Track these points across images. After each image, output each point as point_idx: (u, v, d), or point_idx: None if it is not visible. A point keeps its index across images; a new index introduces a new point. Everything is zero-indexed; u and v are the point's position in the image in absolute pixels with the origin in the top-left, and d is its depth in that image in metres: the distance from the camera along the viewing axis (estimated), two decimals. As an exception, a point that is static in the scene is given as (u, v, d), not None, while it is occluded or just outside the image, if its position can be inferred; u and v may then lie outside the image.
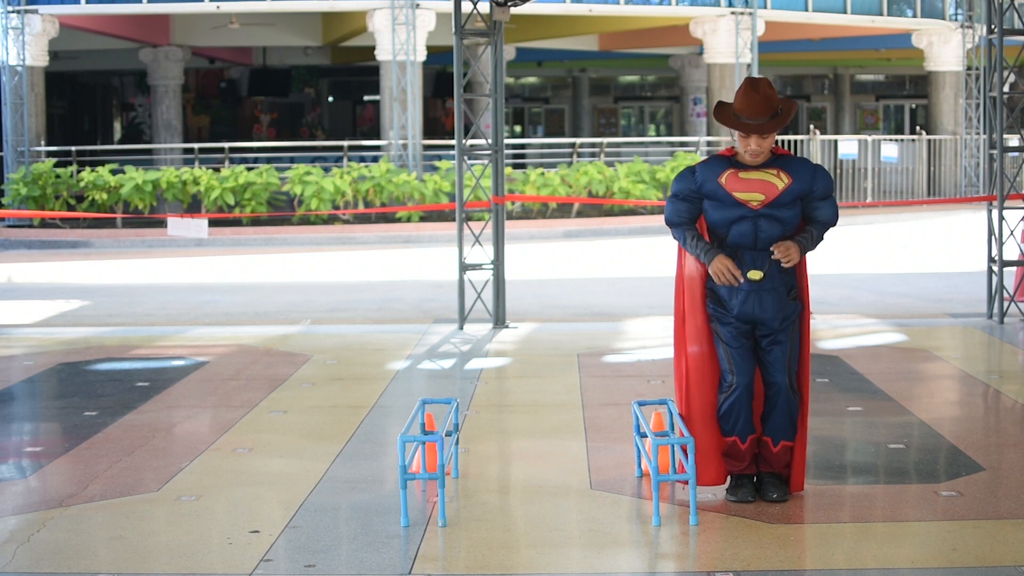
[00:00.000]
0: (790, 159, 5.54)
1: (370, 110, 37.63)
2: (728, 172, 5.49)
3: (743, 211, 5.44)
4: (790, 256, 5.40)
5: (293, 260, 18.20)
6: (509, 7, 10.57)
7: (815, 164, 5.55)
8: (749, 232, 5.45)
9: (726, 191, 5.46)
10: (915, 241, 19.99)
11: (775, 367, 5.49)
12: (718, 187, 5.48)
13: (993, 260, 10.69)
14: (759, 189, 5.45)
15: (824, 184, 5.53)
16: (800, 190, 5.48)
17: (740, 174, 5.48)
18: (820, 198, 5.53)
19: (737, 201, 5.45)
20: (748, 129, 5.39)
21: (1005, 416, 7.53)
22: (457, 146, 10.77)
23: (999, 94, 10.58)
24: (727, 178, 5.48)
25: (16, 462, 6.56)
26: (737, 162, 5.51)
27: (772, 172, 5.47)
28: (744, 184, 5.46)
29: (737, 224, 5.46)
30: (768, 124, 5.38)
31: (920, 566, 4.76)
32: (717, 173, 5.51)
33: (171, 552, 5.01)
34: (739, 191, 5.46)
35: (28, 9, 22.43)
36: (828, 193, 5.55)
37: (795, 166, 5.51)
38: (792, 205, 5.47)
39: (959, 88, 27.39)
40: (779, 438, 5.54)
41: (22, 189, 21.49)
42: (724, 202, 5.47)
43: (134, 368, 9.17)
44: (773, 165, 5.49)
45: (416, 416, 5.71)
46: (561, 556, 4.96)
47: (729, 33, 24.65)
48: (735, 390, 5.48)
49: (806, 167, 5.52)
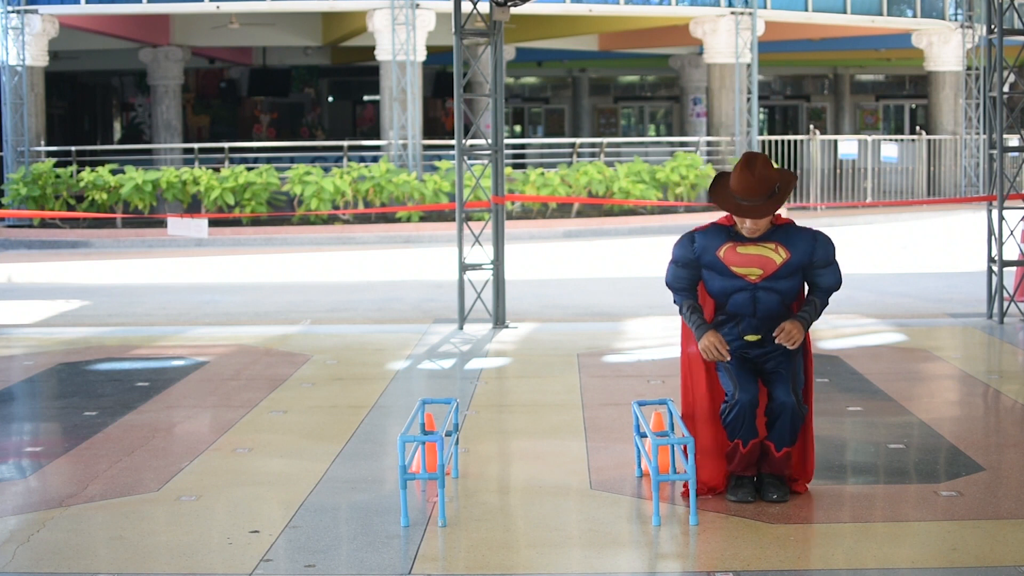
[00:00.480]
0: (790, 231, 5.51)
1: (370, 110, 37.63)
2: (727, 246, 5.49)
3: (741, 283, 5.47)
4: (793, 338, 5.42)
5: (293, 260, 18.20)
6: (509, 7, 10.57)
7: (815, 232, 5.53)
8: (748, 303, 5.48)
9: (724, 264, 5.48)
10: (915, 241, 19.99)
11: (779, 387, 5.51)
12: (716, 260, 5.50)
13: (993, 260, 10.69)
14: (757, 264, 5.46)
15: (825, 253, 5.51)
16: (799, 263, 5.48)
17: (738, 248, 5.47)
18: (822, 266, 5.52)
19: (735, 275, 5.47)
20: (743, 212, 5.38)
21: (1005, 416, 7.53)
22: (457, 146, 10.77)
23: (999, 94, 10.58)
24: (725, 252, 5.48)
25: (16, 462, 6.56)
26: (736, 234, 5.50)
27: (770, 247, 5.46)
28: (742, 259, 5.47)
29: (736, 295, 5.49)
30: (763, 207, 5.36)
31: (920, 566, 4.76)
32: (716, 245, 5.50)
33: (171, 552, 5.01)
34: (737, 265, 5.47)
35: (28, 9, 22.43)
36: (829, 261, 5.53)
37: (794, 239, 5.49)
38: (791, 277, 5.48)
39: (959, 88, 27.39)
40: (782, 445, 5.56)
41: (22, 189, 21.49)
42: (722, 273, 5.48)
43: (134, 368, 9.17)
44: (772, 239, 5.48)
45: (416, 416, 5.71)
46: (561, 556, 4.96)
47: (729, 33, 24.65)
48: (738, 404, 5.48)
49: (805, 239, 5.50)
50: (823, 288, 5.55)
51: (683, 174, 22.85)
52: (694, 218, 22.63)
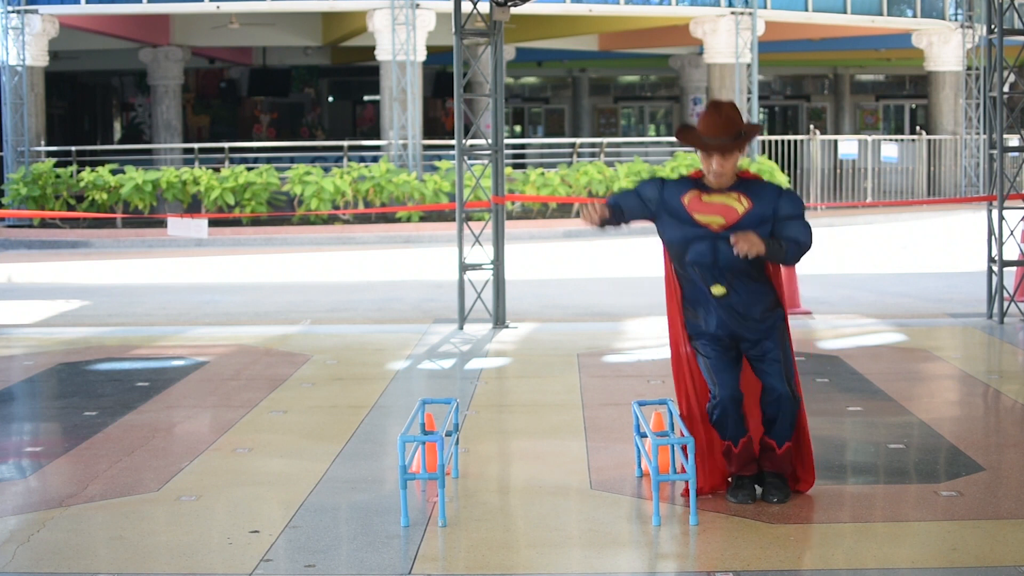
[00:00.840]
0: (756, 183, 5.51)
1: (370, 110, 37.63)
2: (692, 193, 5.51)
3: (702, 231, 5.45)
4: (750, 243, 5.30)
5: (293, 260, 18.20)
6: (509, 7, 10.57)
7: (784, 188, 5.52)
8: (708, 252, 5.45)
9: (687, 211, 5.48)
10: (915, 241, 19.99)
11: (772, 377, 5.50)
12: (680, 206, 5.50)
13: (993, 260, 10.69)
14: (720, 212, 5.45)
15: (791, 205, 5.47)
16: (762, 214, 5.44)
17: (703, 197, 5.49)
18: (787, 217, 5.46)
19: (697, 223, 5.46)
20: (709, 149, 5.40)
21: (1005, 416, 7.53)
22: (457, 146, 10.77)
23: (999, 94, 10.58)
24: (690, 199, 5.50)
25: (16, 462, 6.56)
26: (703, 184, 5.52)
27: (734, 196, 5.47)
28: (706, 207, 5.47)
29: (695, 244, 5.46)
30: (729, 145, 5.38)
31: (920, 566, 4.76)
32: (682, 192, 5.52)
33: (171, 552, 5.01)
34: (700, 213, 5.47)
35: (28, 9, 22.43)
36: (796, 214, 5.47)
37: (759, 190, 5.48)
38: (754, 229, 5.42)
39: (959, 88, 27.39)
40: (783, 441, 5.56)
41: (22, 189, 21.49)
42: (684, 221, 5.48)
43: (134, 368, 9.17)
44: (736, 189, 5.48)
45: (416, 416, 5.71)
46: (561, 556, 4.96)
47: (729, 33, 24.65)
48: (719, 403, 5.49)
49: (771, 191, 5.48)
50: (790, 238, 5.44)
51: (683, 174, 22.83)
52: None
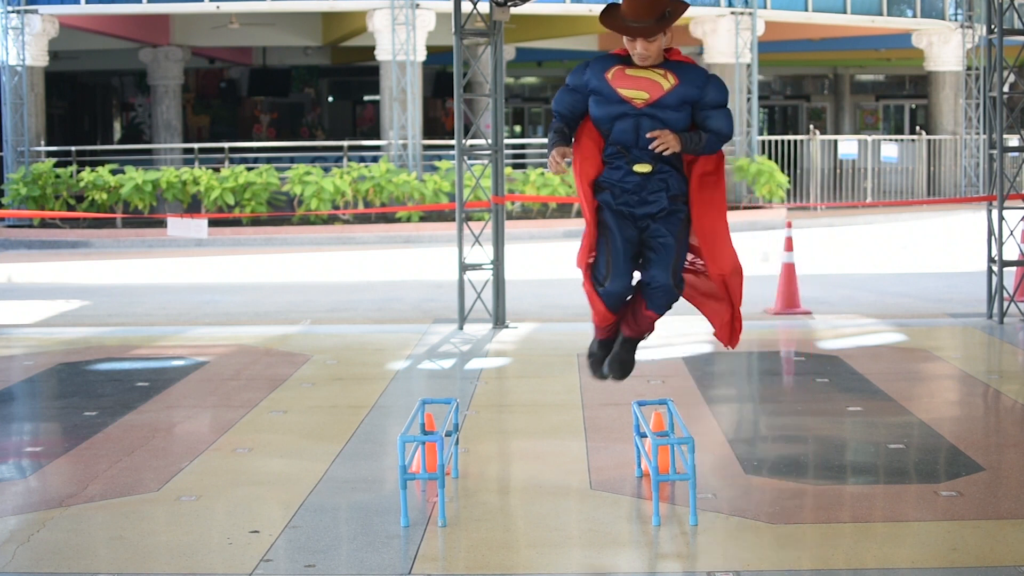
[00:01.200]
0: (683, 65, 5.37)
1: (370, 110, 37.62)
2: (616, 68, 5.36)
3: (625, 108, 5.31)
4: (666, 141, 5.19)
5: (293, 260, 18.20)
6: (509, 7, 10.57)
7: (711, 74, 5.40)
8: (631, 130, 5.31)
9: (611, 87, 5.33)
10: (915, 241, 19.99)
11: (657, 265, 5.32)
12: (604, 83, 5.35)
13: (993, 260, 10.69)
14: (644, 87, 5.30)
15: (716, 93, 5.34)
16: (687, 94, 5.29)
17: (627, 71, 5.34)
18: (712, 106, 5.33)
19: (621, 98, 5.31)
20: (633, 32, 5.24)
21: (1005, 416, 7.53)
22: (457, 146, 10.77)
23: (999, 94, 10.58)
24: (614, 74, 5.35)
25: (16, 462, 6.56)
26: (628, 60, 5.38)
27: (660, 72, 5.31)
28: (629, 81, 5.32)
29: (619, 121, 5.32)
30: (652, 27, 5.22)
31: (920, 566, 4.76)
32: (605, 68, 5.38)
33: (171, 552, 5.01)
34: (623, 87, 5.32)
35: (28, 9, 22.43)
36: (720, 103, 5.35)
37: (686, 71, 5.34)
38: (678, 108, 5.29)
39: (959, 88, 27.38)
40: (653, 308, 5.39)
41: (22, 189, 21.49)
42: (608, 98, 5.34)
43: (134, 368, 9.17)
44: (663, 67, 5.34)
45: (416, 416, 5.71)
46: (561, 556, 4.96)
47: (729, 33, 24.65)
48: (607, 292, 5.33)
49: (698, 74, 5.34)
50: (712, 130, 5.33)
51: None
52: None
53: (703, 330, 10.50)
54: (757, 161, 23.95)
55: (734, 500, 5.59)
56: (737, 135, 24.74)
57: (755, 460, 6.30)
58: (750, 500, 5.59)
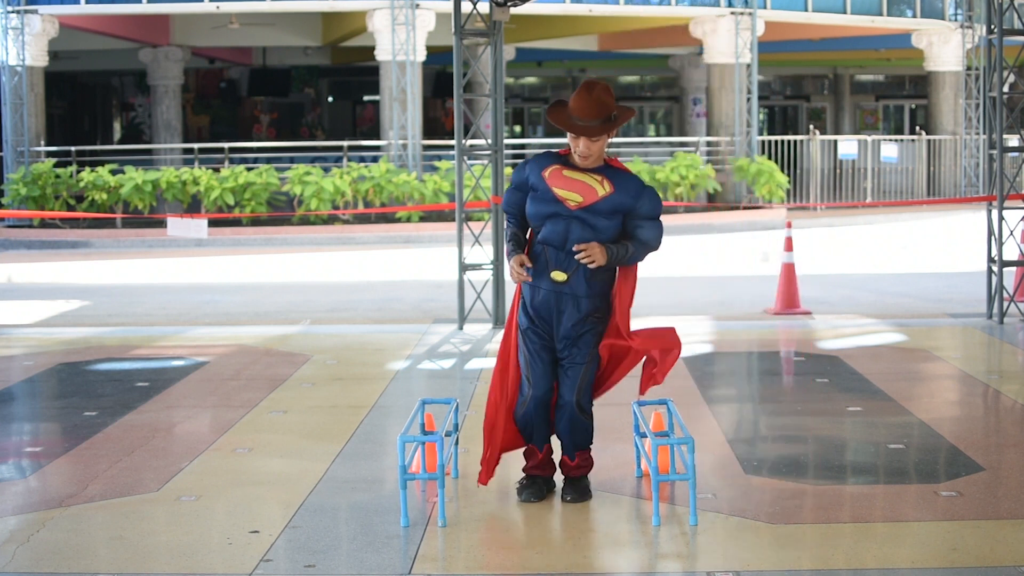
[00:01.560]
0: (620, 173, 5.45)
1: (370, 110, 37.62)
2: (554, 167, 5.45)
3: (558, 208, 5.39)
4: (592, 255, 5.30)
5: (293, 260, 18.20)
6: (509, 7, 10.57)
7: (647, 185, 5.46)
8: (560, 232, 5.38)
9: (547, 184, 5.42)
10: (915, 241, 19.99)
11: (566, 385, 5.50)
12: (540, 180, 5.45)
13: (993, 260, 10.69)
14: (579, 190, 5.38)
15: (650, 205, 5.41)
16: (621, 202, 5.37)
17: (565, 172, 5.43)
18: (644, 217, 5.41)
19: (555, 197, 5.39)
20: (577, 131, 5.34)
21: (1005, 416, 7.53)
22: (457, 146, 10.77)
23: (999, 94, 10.58)
24: (551, 173, 5.44)
25: (16, 462, 6.56)
26: (567, 161, 5.48)
27: (596, 178, 5.41)
28: (565, 182, 5.41)
29: (550, 221, 5.40)
30: (597, 128, 5.32)
31: (920, 566, 4.76)
32: (544, 166, 5.48)
33: (171, 552, 5.01)
34: (559, 187, 5.40)
35: (28, 9, 22.43)
36: (653, 215, 5.43)
37: (622, 179, 5.42)
38: (610, 216, 5.37)
39: (959, 88, 27.38)
40: (574, 452, 5.60)
41: (22, 189, 21.49)
42: (543, 196, 5.42)
43: (134, 368, 9.17)
44: (601, 172, 5.43)
45: (416, 416, 5.71)
46: (561, 556, 4.95)
47: (729, 33, 24.64)
48: (529, 402, 5.52)
49: (634, 183, 5.42)
50: (641, 240, 5.42)
51: (683, 174, 22.85)
52: (694, 218, 22.63)
53: (703, 330, 10.51)
54: (757, 161, 23.95)
55: (734, 500, 5.59)
56: (737, 135, 24.75)
57: (755, 460, 6.29)
58: (750, 500, 5.59)
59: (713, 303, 12.60)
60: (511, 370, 5.59)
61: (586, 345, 5.47)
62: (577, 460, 5.62)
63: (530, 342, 5.49)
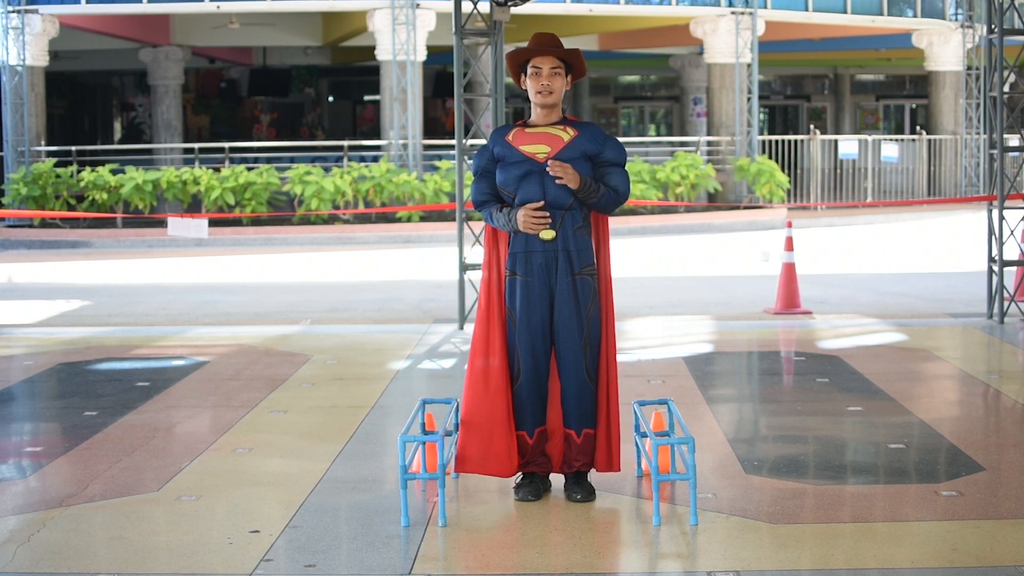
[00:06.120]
0: (582, 123, 5.60)
1: (370, 110, 37.62)
2: (515, 130, 5.58)
3: (529, 165, 5.47)
4: (566, 173, 5.38)
5: (293, 260, 18.20)
6: (509, 7, 10.57)
7: (609, 134, 5.60)
8: (536, 189, 5.46)
9: (512, 147, 5.52)
10: (915, 241, 19.99)
11: (569, 362, 5.48)
12: (506, 145, 5.55)
13: (993, 260, 10.69)
14: (544, 141, 5.50)
15: (615, 152, 5.56)
16: (587, 147, 5.50)
17: (527, 130, 5.56)
18: (610, 163, 5.54)
19: (524, 156, 5.49)
20: (536, 54, 5.48)
21: (1005, 416, 7.53)
22: (457, 146, 10.77)
23: (999, 94, 10.58)
24: (514, 135, 5.56)
25: (16, 462, 6.56)
26: (527, 124, 5.60)
27: (559, 127, 5.55)
28: (530, 137, 5.52)
29: (525, 181, 5.47)
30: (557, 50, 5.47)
31: (920, 566, 4.76)
32: (505, 133, 5.60)
33: (171, 552, 5.01)
34: (524, 144, 5.51)
35: (28, 9, 22.43)
36: (619, 161, 5.56)
37: (584, 127, 5.58)
38: (580, 162, 5.47)
39: (959, 88, 27.38)
40: (581, 427, 5.54)
41: (22, 189, 21.49)
42: (511, 159, 5.51)
43: (134, 368, 9.17)
44: (562, 123, 5.57)
45: (416, 416, 5.72)
46: (561, 556, 4.95)
47: (729, 33, 24.65)
48: (519, 377, 5.49)
49: (597, 132, 5.58)
50: (610, 186, 5.52)
51: (683, 174, 22.86)
52: (695, 218, 22.64)
53: (703, 329, 10.51)
54: (757, 161, 23.95)
55: (734, 500, 5.58)
56: (737, 135, 24.75)
57: (755, 460, 6.29)
58: (750, 500, 5.59)
59: (713, 303, 12.60)
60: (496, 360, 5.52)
61: (585, 306, 5.50)
62: (584, 437, 5.54)
63: (521, 317, 5.48)
